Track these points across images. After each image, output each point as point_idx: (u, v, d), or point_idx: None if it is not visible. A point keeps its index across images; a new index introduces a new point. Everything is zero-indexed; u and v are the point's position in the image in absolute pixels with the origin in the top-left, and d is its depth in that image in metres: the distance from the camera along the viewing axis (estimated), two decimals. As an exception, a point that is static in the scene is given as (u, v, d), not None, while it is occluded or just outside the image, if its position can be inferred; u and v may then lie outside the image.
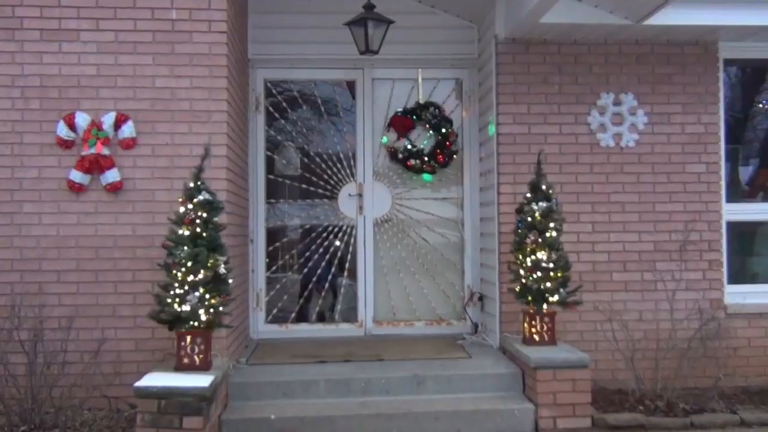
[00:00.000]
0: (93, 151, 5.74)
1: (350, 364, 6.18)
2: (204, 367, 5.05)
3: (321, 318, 7.63)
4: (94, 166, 5.75)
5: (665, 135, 6.74)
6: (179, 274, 4.96)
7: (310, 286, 7.62)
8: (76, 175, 5.75)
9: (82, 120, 5.76)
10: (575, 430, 5.49)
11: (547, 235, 5.86)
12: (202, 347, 5.06)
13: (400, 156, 7.46)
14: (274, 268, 7.56)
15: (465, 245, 7.57)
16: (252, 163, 7.36)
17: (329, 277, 7.62)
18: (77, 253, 5.79)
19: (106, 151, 5.76)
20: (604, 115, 6.68)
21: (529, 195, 6.06)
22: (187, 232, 5.02)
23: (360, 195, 7.53)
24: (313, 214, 7.68)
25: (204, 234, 5.04)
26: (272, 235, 7.61)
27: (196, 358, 5.06)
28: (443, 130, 7.45)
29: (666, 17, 6.08)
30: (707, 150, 6.77)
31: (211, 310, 5.03)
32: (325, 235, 7.62)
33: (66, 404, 5.35)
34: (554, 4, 5.78)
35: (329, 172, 7.62)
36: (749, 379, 6.61)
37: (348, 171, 7.62)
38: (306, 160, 7.72)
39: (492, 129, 6.77)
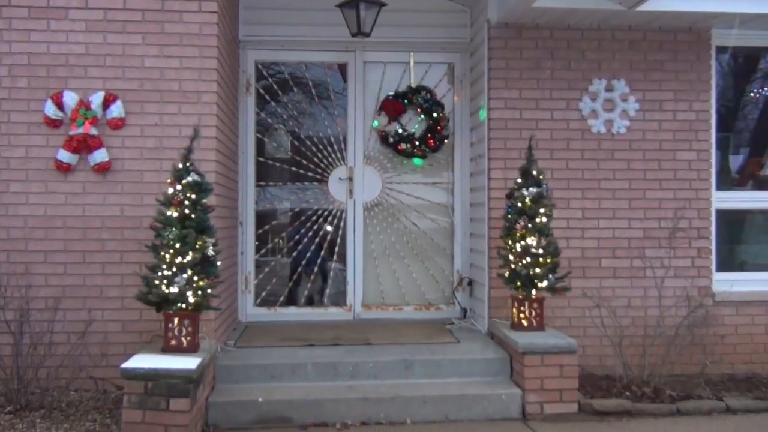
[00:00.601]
0: (81, 130, 5.69)
1: (338, 347, 6.18)
2: (191, 349, 5.04)
3: (310, 301, 7.61)
4: (82, 146, 5.71)
5: (656, 122, 6.74)
6: (167, 256, 4.93)
7: (300, 269, 7.60)
8: (64, 155, 5.70)
9: (70, 99, 5.71)
10: (562, 415, 5.50)
11: (537, 220, 5.86)
12: (190, 329, 5.04)
13: (391, 140, 7.43)
14: (263, 251, 7.54)
15: (455, 230, 7.56)
16: (242, 145, 7.32)
17: (318, 261, 7.60)
18: (65, 233, 5.75)
19: (94, 131, 5.71)
20: (596, 101, 6.67)
21: (519, 180, 6.05)
22: (175, 214, 4.99)
23: (350, 179, 7.51)
24: (303, 197, 7.64)
25: (192, 215, 5.00)
26: (262, 218, 7.57)
27: (183, 340, 5.04)
28: (434, 115, 7.42)
29: (659, 3, 6.06)
30: (698, 137, 6.77)
31: (199, 292, 5.00)
32: (314, 218, 7.59)
33: (52, 385, 5.36)
34: (547, -12, 5.77)
35: (320, 155, 7.59)
36: (735, 367, 6.66)
37: (338, 155, 7.58)
38: (296, 143, 7.68)
39: (483, 114, 6.75)
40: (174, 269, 4.93)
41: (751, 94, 7.61)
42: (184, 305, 4.99)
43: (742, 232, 7.36)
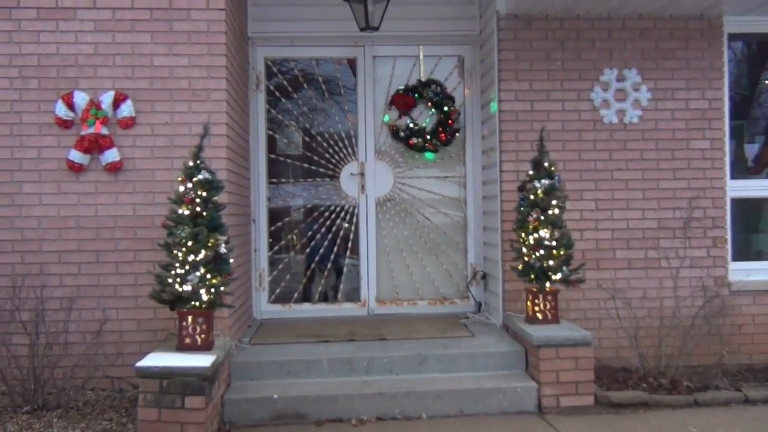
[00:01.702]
0: (92, 130, 5.71)
1: (353, 343, 6.17)
2: (206, 347, 5.04)
3: (324, 298, 7.61)
4: (94, 145, 5.73)
5: (669, 111, 6.68)
6: (180, 254, 4.94)
7: (313, 266, 7.60)
8: (76, 155, 5.72)
9: (81, 99, 5.73)
10: (578, 407, 5.48)
11: (550, 212, 5.82)
12: (204, 327, 5.05)
13: (402, 134, 7.41)
14: (276, 248, 7.54)
15: (468, 224, 7.54)
16: (253, 142, 7.32)
17: (332, 257, 7.60)
18: (78, 233, 5.78)
19: (105, 131, 5.73)
20: (608, 91, 6.62)
21: (531, 172, 6.01)
22: (187, 212, 4.99)
23: (362, 174, 7.49)
24: (315, 193, 7.64)
25: (204, 213, 5.01)
26: (274, 214, 7.57)
27: (197, 338, 5.05)
28: (445, 108, 7.39)
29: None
30: (711, 126, 6.70)
31: (213, 290, 5.01)
32: (327, 214, 7.58)
33: (68, 384, 5.39)
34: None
35: (331, 151, 7.58)
36: (753, 357, 6.60)
37: (350, 150, 7.57)
38: (307, 139, 7.67)
39: (494, 106, 6.71)
40: (187, 267, 4.94)
41: (766, 82, 7.52)
42: (197, 303, 4.99)
43: (759, 221, 7.28)
